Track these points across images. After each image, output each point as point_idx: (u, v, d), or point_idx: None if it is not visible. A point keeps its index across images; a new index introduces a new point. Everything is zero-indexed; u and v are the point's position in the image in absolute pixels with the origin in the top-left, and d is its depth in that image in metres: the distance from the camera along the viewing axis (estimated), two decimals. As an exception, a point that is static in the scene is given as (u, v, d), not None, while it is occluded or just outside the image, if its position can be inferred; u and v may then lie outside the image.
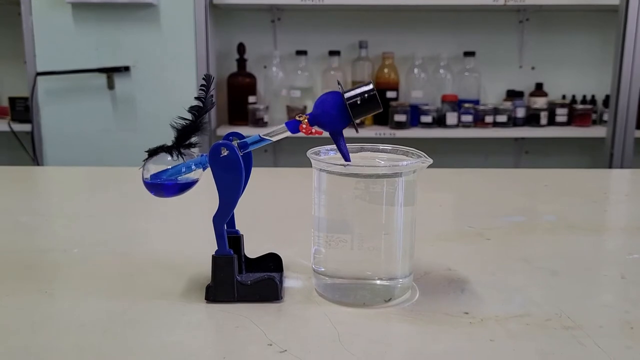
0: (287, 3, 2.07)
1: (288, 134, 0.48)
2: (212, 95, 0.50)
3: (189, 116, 0.49)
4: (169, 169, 0.50)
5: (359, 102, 0.47)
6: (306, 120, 0.48)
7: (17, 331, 0.45)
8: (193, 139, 0.50)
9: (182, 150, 0.50)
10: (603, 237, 0.71)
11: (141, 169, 0.50)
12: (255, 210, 0.55)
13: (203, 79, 0.50)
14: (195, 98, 0.49)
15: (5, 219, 0.76)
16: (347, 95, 0.47)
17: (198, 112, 0.49)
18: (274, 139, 0.49)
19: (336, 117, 0.47)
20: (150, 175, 0.50)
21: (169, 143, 0.50)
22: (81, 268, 0.58)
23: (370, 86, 0.47)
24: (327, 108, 0.47)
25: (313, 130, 0.48)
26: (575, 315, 0.47)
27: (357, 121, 0.48)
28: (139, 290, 0.52)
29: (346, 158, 0.49)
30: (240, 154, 0.47)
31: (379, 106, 0.47)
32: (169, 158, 0.50)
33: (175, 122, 0.49)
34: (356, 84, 0.48)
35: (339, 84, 0.50)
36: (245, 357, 0.41)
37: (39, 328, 0.46)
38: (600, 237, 0.71)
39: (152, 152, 0.50)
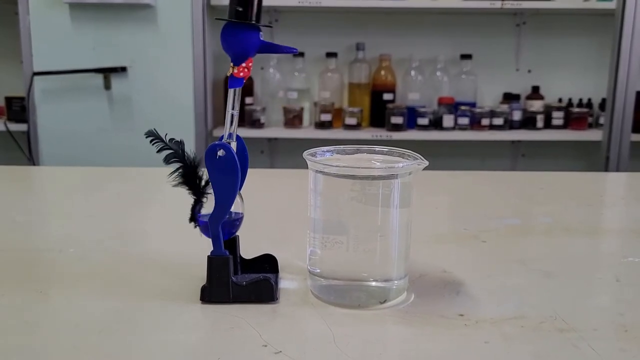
0: (285, 5, 2.07)
1: (239, 92, 0.48)
2: (172, 139, 0.49)
3: (175, 165, 0.49)
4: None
5: (239, 9, 0.46)
6: (232, 66, 0.47)
7: (13, 331, 0.45)
8: (201, 175, 0.50)
9: (205, 192, 0.50)
10: (598, 240, 0.71)
11: (196, 227, 0.50)
12: (251, 211, 0.55)
13: (146, 136, 0.48)
14: (158, 151, 0.48)
15: (1, 218, 0.76)
16: (228, 17, 0.46)
17: (177, 157, 0.49)
18: (235, 105, 0.48)
19: (242, 37, 0.46)
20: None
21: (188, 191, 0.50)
22: (77, 268, 0.58)
23: None
24: (230, 39, 0.46)
25: (244, 65, 0.47)
26: (570, 317, 0.47)
27: (258, 21, 0.46)
28: (135, 291, 0.52)
29: (290, 49, 0.48)
30: (232, 145, 0.47)
31: None
32: (204, 202, 0.50)
33: (175, 180, 0.49)
34: (352, 84, 0.48)
35: (217, 19, 0.49)
36: (240, 358, 0.41)
37: (35, 328, 0.45)
38: (595, 240, 0.71)
39: (193, 213, 0.50)
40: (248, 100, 2.18)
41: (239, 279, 0.50)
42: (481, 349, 0.43)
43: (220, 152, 0.47)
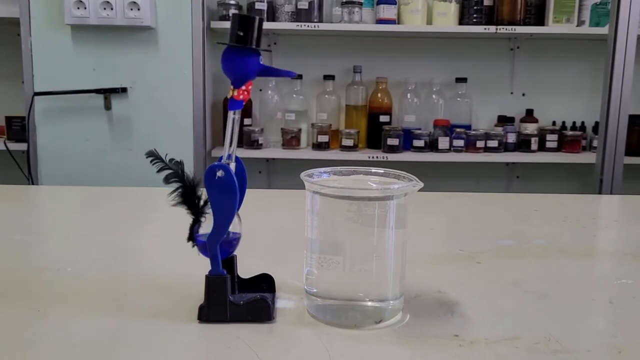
0: (283, 28, 2.10)
1: (238, 115, 0.49)
2: (172, 159, 0.50)
3: (175, 185, 0.50)
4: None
5: (240, 33, 0.46)
6: (232, 89, 0.48)
7: (10, 349, 0.45)
8: (200, 195, 0.50)
9: (203, 211, 0.50)
10: (592, 262, 0.72)
11: (194, 246, 0.51)
12: (249, 231, 0.56)
13: (146, 156, 0.49)
14: (158, 171, 0.49)
15: (-2, 237, 0.76)
16: (229, 41, 0.47)
17: (176, 176, 0.49)
18: (234, 127, 0.49)
19: (242, 61, 0.47)
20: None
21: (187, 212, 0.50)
22: (74, 287, 0.58)
23: (235, 15, 0.47)
24: (230, 62, 0.47)
25: (244, 89, 0.48)
26: (564, 339, 0.48)
27: (258, 46, 0.47)
28: (132, 310, 0.52)
29: (289, 73, 0.49)
30: (231, 165, 0.48)
31: (252, 17, 0.47)
32: (202, 222, 0.50)
33: (174, 200, 0.50)
34: (349, 106, 0.49)
35: (219, 43, 0.50)
36: (236, 377, 0.41)
37: (32, 346, 0.46)
38: (589, 262, 0.71)
39: (191, 232, 0.50)
40: (247, 121, 2.20)
41: (237, 298, 0.50)
42: (475, 369, 0.43)
43: (220, 173, 0.48)
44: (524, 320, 0.52)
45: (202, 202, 0.50)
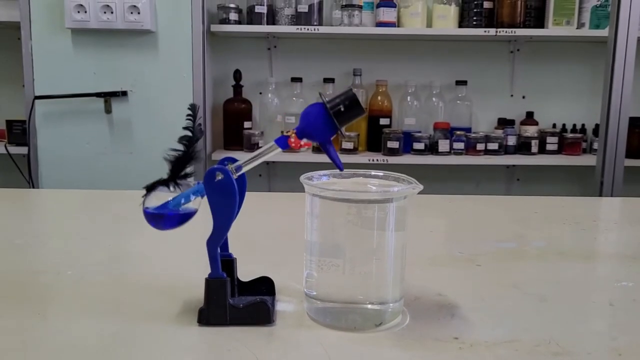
0: (283, 31, 2.11)
1: (279, 150, 0.49)
2: (200, 124, 0.51)
3: (180, 147, 0.50)
4: (169, 201, 0.50)
5: (342, 109, 0.48)
6: (294, 134, 0.49)
7: (10, 353, 0.45)
8: (188, 169, 0.50)
9: (179, 182, 0.50)
10: (592, 265, 0.72)
11: (141, 205, 0.51)
12: (249, 234, 0.56)
13: (189, 108, 0.50)
14: (184, 128, 0.50)
15: (-2, 241, 0.76)
16: (329, 104, 0.48)
17: (189, 141, 0.50)
18: (266, 157, 0.49)
19: (322, 126, 0.48)
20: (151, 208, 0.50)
21: (165, 176, 0.50)
22: (74, 290, 0.58)
23: (351, 92, 0.48)
24: (312, 119, 0.48)
25: (302, 143, 0.49)
26: (564, 341, 0.48)
27: (343, 128, 0.48)
28: (132, 313, 0.52)
29: (339, 166, 0.50)
30: (234, 176, 0.48)
31: (362, 110, 0.48)
32: (167, 191, 0.50)
33: (168, 155, 0.50)
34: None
35: (320, 95, 0.51)
36: (236, 380, 0.41)
37: (32, 350, 0.46)
38: (589, 265, 0.71)
39: (150, 188, 0.50)
40: (246, 124, 2.20)
41: (236, 301, 0.50)
42: (475, 371, 0.43)
43: (219, 176, 0.48)
44: (524, 322, 0.52)
45: (184, 173, 0.50)
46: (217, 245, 0.49)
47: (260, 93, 2.29)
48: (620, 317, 0.54)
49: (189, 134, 0.50)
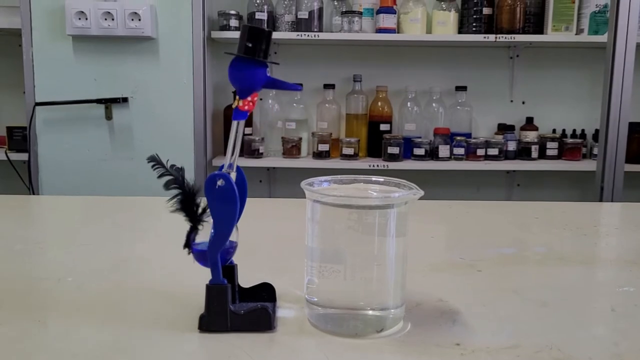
0: (284, 37, 2.11)
1: (243, 123, 0.49)
2: (172, 165, 0.49)
3: (174, 191, 0.49)
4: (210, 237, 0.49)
5: (249, 44, 0.47)
6: (238, 99, 0.48)
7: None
8: (200, 204, 0.50)
9: (201, 219, 0.50)
10: (593, 270, 0.72)
11: (190, 253, 0.50)
12: (250, 240, 0.56)
13: (148, 161, 0.49)
14: (159, 177, 0.49)
15: (-1, 247, 0.76)
16: (238, 51, 0.47)
17: (176, 183, 0.49)
18: (238, 136, 0.49)
19: (249, 72, 0.47)
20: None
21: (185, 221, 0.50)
22: (75, 297, 0.58)
23: (245, 27, 0.47)
24: (237, 73, 0.48)
25: (249, 99, 0.48)
26: (566, 347, 0.48)
27: (265, 58, 0.48)
28: (132, 320, 0.52)
29: (295, 88, 0.50)
30: (232, 175, 0.48)
31: (264, 30, 0.47)
32: (199, 232, 0.50)
33: (173, 206, 0.49)
34: (349, 115, 0.49)
35: (226, 52, 0.50)
36: (237, 387, 0.41)
37: (32, 357, 0.45)
38: (590, 270, 0.71)
39: (188, 240, 0.50)
40: (247, 130, 2.20)
41: (237, 307, 0.50)
42: (477, 378, 0.43)
43: (220, 182, 0.48)
44: (525, 328, 0.52)
45: (200, 210, 0.50)
46: (218, 252, 0.49)
47: (261, 99, 2.29)
48: (622, 323, 0.54)
49: (169, 177, 0.49)
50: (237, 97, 0.49)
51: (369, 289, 0.50)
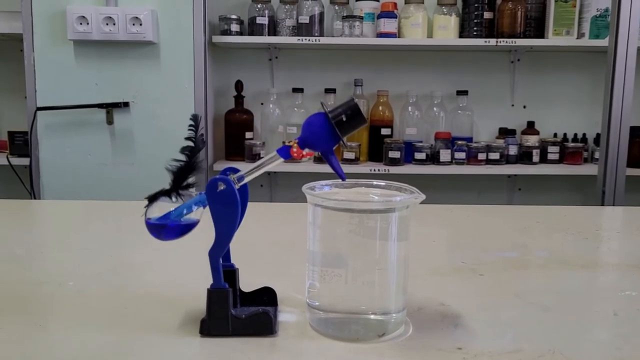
0: (284, 42, 2.12)
1: (281, 160, 0.49)
2: (202, 135, 0.51)
3: (182, 157, 0.50)
4: (171, 211, 0.50)
5: (344, 118, 0.48)
6: (296, 144, 0.49)
7: (10, 364, 0.45)
8: (190, 180, 0.50)
9: (181, 192, 0.50)
10: (595, 274, 0.72)
11: (143, 215, 0.51)
12: (251, 244, 0.56)
13: (191, 118, 0.50)
14: (186, 138, 0.50)
15: (1, 251, 0.76)
16: (331, 114, 0.48)
17: (191, 152, 0.50)
18: (269, 167, 0.49)
19: (324, 136, 0.48)
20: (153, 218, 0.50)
21: (167, 186, 0.50)
22: (76, 301, 0.58)
23: (353, 102, 0.48)
24: (315, 129, 0.48)
25: (304, 153, 0.49)
26: (568, 351, 0.48)
27: (345, 138, 0.48)
28: (133, 324, 0.52)
29: (341, 176, 0.50)
30: (237, 186, 0.48)
31: (364, 120, 0.48)
32: (169, 201, 0.50)
33: (170, 165, 0.50)
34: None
35: (322, 104, 0.51)
36: (238, 391, 0.41)
37: (32, 361, 0.45)
38: (592, 274, 0.71)
39: (152, 198, 0.50)
40: (248, 134, 2.21)
41: (238, 312, 0.50)
42: (479, 382, 0.43)
43: (221, 186, 0.48)
44: (527, 332, 0.51)
45: (186, 183, 0.50)
46: (219, 256, 0.49)
47: (262, 104, 2.29)
48: (625, 327, 0.54)
49: (191, 144, 0.50)
50: (297, 141, 0.49)
51: (371, 293, 0.49)
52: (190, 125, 0.50)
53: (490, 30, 2.13)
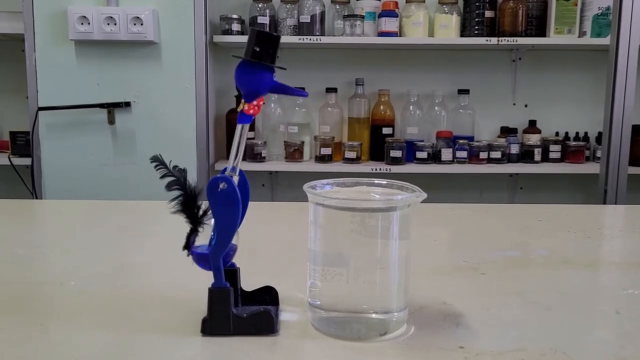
0: (285, 41, 2.12)
1: (246, 126, 0.49)
2: (175, 166, 0.49)
3: (176, 193, 0.49)
4: (210, 239, 0.49)
5: (256, 49, 0.47)
6: (243, 102, 0.48)
7: (12, 364, 0.45)
8: (201, 207, 0.50)
9: (202, 221, 0.50)
10: (597, 273, 0.71)
11: (189, 255, 0.50)
12: (252, 244, 0.56)
13: (151, 161, 0.49)
14: (161, 177, 0.49)
15: (2, 251, 0.76)
16: (245, 55, 0.47)
17: (179, 184, 0.49)
18: (242, 139, 0.49)
19: (255, 76, 0.47)
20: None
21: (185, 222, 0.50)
22: (77, 301, 0.58)
23: (254, 30, 0.47)
24: (244, 77, 0.47)
25: (255, 103, 0.48)
26: (571, 350, 0.47)
27: (273, 63, 0.48)
28: (135, 324, 0.52)
29: (301, 94, 0.50)
30: (235, 179, 0.48)
31: (273, 35, 0.47)
32: (199, 235, 0.50)
33: (174, 207, 0.49)
34: (352, 118, 0.49)
35: (233, 56, 0.50)
36: (240, 391, 0.41)
37: (34, 361, 0.45)
38: (594, 273, 0.71)
39: (188, 242, 0.50)
40: (250, 134, 2.21)
41: (240, 311, 0.50)
42: (481, 381, 0.43)
43: (222, 185, 0.48)
44: (529, 331, 0.51)
45: (201, 212, 0.50)
46: (221, 255, 0.49)
47: (264, 103, 2.29)
48: (627, 326, 0.54)
49: (172, 178, 0.49)
50: (243, 100, 0.49)
51: (372, 292, 0.49)
52: (156, 166, 0.49)
53: (491, 29, 2.13)
